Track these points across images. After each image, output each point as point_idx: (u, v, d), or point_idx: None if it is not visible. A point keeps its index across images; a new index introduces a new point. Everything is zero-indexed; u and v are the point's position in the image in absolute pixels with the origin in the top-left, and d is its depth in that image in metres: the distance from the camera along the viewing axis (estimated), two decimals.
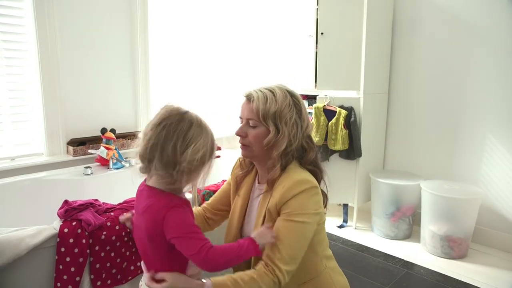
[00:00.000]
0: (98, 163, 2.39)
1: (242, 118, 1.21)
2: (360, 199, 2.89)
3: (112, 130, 2.49)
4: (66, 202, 1.53)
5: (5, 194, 1.97)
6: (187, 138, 0.98)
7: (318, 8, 2.78)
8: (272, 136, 1.13)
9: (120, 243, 1.53)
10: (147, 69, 2.76)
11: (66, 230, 1.40)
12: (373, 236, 2.78)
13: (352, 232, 2.85)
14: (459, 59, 2.67)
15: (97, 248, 1.46)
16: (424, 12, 2.80)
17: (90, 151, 2.39)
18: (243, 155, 1.25)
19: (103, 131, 2.45)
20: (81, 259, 1.41)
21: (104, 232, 1.48)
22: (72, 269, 1.39)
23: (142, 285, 1.14)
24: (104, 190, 2.21)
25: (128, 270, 1.57)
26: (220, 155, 1.10)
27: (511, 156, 2.49)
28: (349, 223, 2.97)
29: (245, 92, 1.20)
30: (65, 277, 1.39)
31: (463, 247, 2.45)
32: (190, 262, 1.04)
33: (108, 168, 2.36)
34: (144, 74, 2.75)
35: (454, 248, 2.43)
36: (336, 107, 2.70)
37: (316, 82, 2.88)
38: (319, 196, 1.16)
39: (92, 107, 2.53)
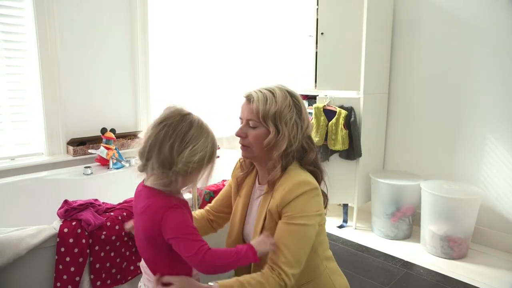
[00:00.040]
0: (98, 163, 2.39)
1: (242, 118, 1.20)
2: (360, 199, 2.89)
3: (112, 130, 2.49)
4: (66, 202, 1.53)
5: (5, 194, 1.97)
6: (186, 139, 0.97)
7: (318, 8, 2.78)
8: (272, 136, 1.13)
9: (120, 243, 1.54)
10: (147, 69, 2.76)
11: (66, 230, 1.40)
12: (373, 236, 2.78)
13: (352, 232, 2.85)
14: (459, 59, 2.67)
15: (97, 248, 1.46)
16: (424, 12, 2.80)
17: (90, 151, 2.39)
18: (243, 156, 1.24)
19: (103, 131, 2.45)
20: (81, 259, 1.41)
21: (104, 232, 1.49)
22: (72, 269, 1.40)
23: (141, 286, 1.14)
24: (104, 190, 2.21)
25: (128, 270, 1.58)
26: (219, 156, 1.09)
27: (511, 156, 2.50)
28: (349, 223, 2.97)
29: (245, 92, 1.20)
30: (65, 277, 1.39)
31: (463, 247, 2.45)
32: None
33: (108, 168, 2.36)
34: (144, 74, 2.75)
35: (454, 248, 2.43)
36: (336, 107, 2.70)
37: (316, 82, 2.88)
38: (319, 198, 1.15)
39: (92, 107, 2.53)
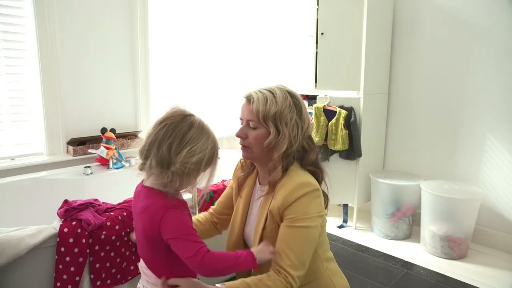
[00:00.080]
0: (98, 163, 2.39)
1: (242, 119, 1.20)
2: (360, 199, 2.89)
3: (112, 130, 2.49)
4: (66, 201, 1.54)
5: (5, 193, 1.97)
6: (185, 139, 0.98)
7: (318, 8, 2.77)
8: (272, 137, 1.12)
9: (120, 243, 1.54)
10: (147, 69, 2.76)
11: (66, 230, 1.40)
12: (373, 236, 2.78)
13: (352, 232, 2.85)
14: (459, 59, 2.67)
15: (97, 247, 1.47)
16: (424, 12, 2.80)
17: (90, 150, 2.39)
18: (243, 157, 1.24)
19: (103, 130, 2.45)
20: (80, 259, 1.41)
21: (104, 232, 1.49)
22: (72, 268, 1.40)
23: (140, 287, 1.14)
24: (104, 190, 2.21)
25: (128, 270, 1.58)
26: (220, 157, 1.09)
27: (511, 156, 2.50)
28: (349, 223, 2.97)
29: (245, 93, 1.19)
30: (65, 276, 1.39)
31: (463, 247, 2.45)
32: None
33: (108, 168, 2.36)
34: (144, 74, 2.75)
35: (454, 248, 2.43)
36: (336, 107, 2.70)
37: (316, 82, 2.88)
38: (321, 199, 1.15)
39: (92, 107, 2.53)
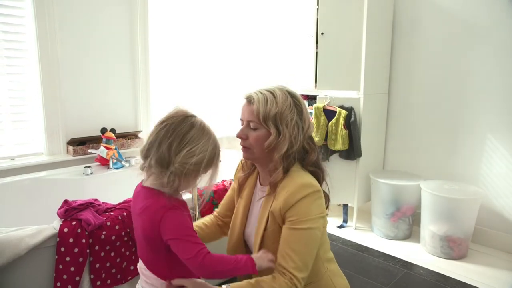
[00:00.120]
0: (98, 163, 2.39)
1: (242, 120, 1.20)
2: (360, 199, 2.89)
3: (112, 130, 2.49)
4: (66, 201, 1.54)
5: (5, 193, 1.97)
6: (185, 140, 0.98)
7: (318, 8, 2.77)
8: (273, 138, 1.12)
9: (120, 243, 1.54)
10: (147, 69, 2.76)
11: (66, 230, 1.40)
12: (373, 236, 2.78)
13: (352, 232, 2.85)
14: (459, 59, 2.67)
15: (97, 247, 1.47)
16: (424, 12, 2.80)
17: (90, 150, 2.39)
18: (244, 157, 1.24)
19: (103, 130, 2.45)
20: (81, 259, 1.41)
21: (104, 232, 1.49)
22: (72, 268, 1.40)
23: None
24: (104, 190, 2.21)
25: (128, 270, 1.58)
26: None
27: (511, 156, 2.50)
28: (349, 223, 2.97)
29: (245, 93, 1.19)
30: (65, 276, 1.39)
31: (462, 247, 2.45)
32: None
33: (108, 168, 2.36)
34: (144, 74, 2.75)
35: (454, 248, 2.43)
36: (336, 107, 2.70)
37: (316, 82, 2.88)
38: (322, 200, 1.15)
39: (92, 107, 2.53)
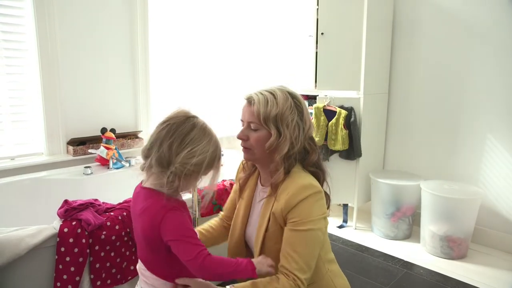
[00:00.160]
0: (98, 163, 2.39)
1: (243, 121, 1.20)
2: (360, 199, 2.89)
3: (112, 130, 2.49)
4: (66, 201, 1.54)
5: (5, 193, 1.97)
6: (186, 140, 0.98)
7: (318, 8, 2.78)
8: (273, 139, 1.12)
9: (120, 243, 1.54)
10: (147, 69, 2.76)
11: (66, 230, 1.40)
12: (373, 236, 2.78)
13: (352, 232, 2.85)
14: (459, 59, 2.67)
15: (97, 248, 1.47)
16: (424, 12, 2.80)
17: (90, 150, 2.39)
18: (245, 158, 1.24)
19: (103, 130, 2.45)
20: (81, 259, 1.41)
21: (104, 232, 1.49)
22: (72, 268, 1.40)
23: None
24: (104, 190, 2.21)
25: (128, 270, 1.58)
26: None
27: (511, 156, 2.50)
28: (349, 223, 2.97)
29: (245, 94, 1.19)
30: (65, 276, 1.39)
31: (462, 247, 2.45)
32: None
33: (108, 168, 2.36)
34: (144, 74, 2.75)
35: (453, 248, 2.43)
36: (336, 107, 2.70)
37: (316, 82, 2.88)
38: (323, 200, 1.15)
39: (92, 107, 2.53)
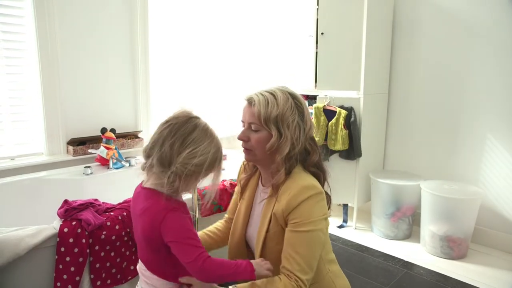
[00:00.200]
0: (98, 163, 2.39)
1: (244, 122, 1.19)
2: (360, 199, 2.89)
3: (112, 130, 2.49)
4: (66, 201, 1.54)
5: (5, 193, 1.97)
6: (187, 140, 0.98)
7: (318, 8, 2.77)
8: (274, 140, 1.12)
9: (120, 243, 1.54)
10: (147, 69, 2.76)
11: (66, 230, 1.40)
12: (373, 236, 2.78)
13: (352, 232, 2.85)
14: (459, 59, 2.67)
15: (97, 247, 1.47)
16: (424, 12, 2.80)
17: (90, 150, 2.39)
18: (246, 159, 1.24)
19: (103, 130, 2.45)
20: (81, 259, 1.41)
21: (104, 232, 1.49)
22: (72, 268, 1.40)
23: None
24: (104, 190, 2.21)
25: (128, 270, 1.58)
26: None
27: (511, 156, 2.50)
28: (349, 223, 2.97)
29: (246, 95, 1.19)
30: (65, 276, 1.39)
31: (462, 247, 2.45)
32: None
33: (108, 168, 2.36)
34: (144, 74, 2.75)
35: (453, 248, 2.43)
36: (336, 107, 2.70)
37: (316, 82, 2.88)
38: (324, 201, 1.15)
39: (92, 107, 2.53)
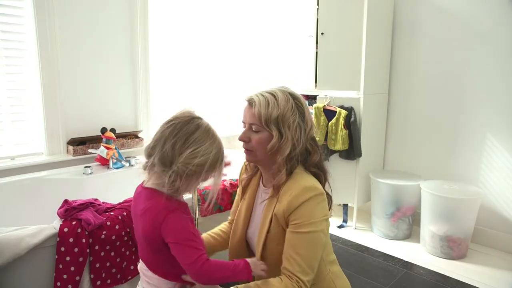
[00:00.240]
0: (98, 163, 2.39)
1: (244, 122, 1.19)
2: (360, 199, 2.89)
3: (112, 130, 2.49)
4: (66, 201, 1.54)
5: (5, 193, 1.97)
6: (189, 140, 0.98)
7: (318, 8, 2.78)
8: (275, 141, 1.12)
9: (120, 243, 1.54)
10: (147, 69, 2.76)
11: (66, 230, 1.40)
12: (373, 236, 2.78)
13: (352, 232, 2.85)
14: (459, 59, 2.67)
15: (97, 247, 1.47)
16: (424, 12, 2.80)
17: (90, 150, 2.39)
18: (247, 160, 1.24)
19: (103, 130, 2.45)
20: (81, 259, 1.41)
21: (104, 232, 1.49)
22: (72, 268, 1.40)
23: None
24: (104, 190, 2.21)
25: (128, 270, 1.58)
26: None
27: (511, 156, 2.50)
28: (349, 223, 2.97)
29: (246, 96, 1.19)
30: (65, 276, 1.39)
31: (462, 247, 2.45)
32: None
33: (108, 167, 2.36)
34: (144, 74, 2.75)
35: (453, 248, 2.43)
36: (336, 107, 2.70)
37: (316, 82, 2.88)
38: (325, 202, 1.15)
39: (92, 107, 2.53)
